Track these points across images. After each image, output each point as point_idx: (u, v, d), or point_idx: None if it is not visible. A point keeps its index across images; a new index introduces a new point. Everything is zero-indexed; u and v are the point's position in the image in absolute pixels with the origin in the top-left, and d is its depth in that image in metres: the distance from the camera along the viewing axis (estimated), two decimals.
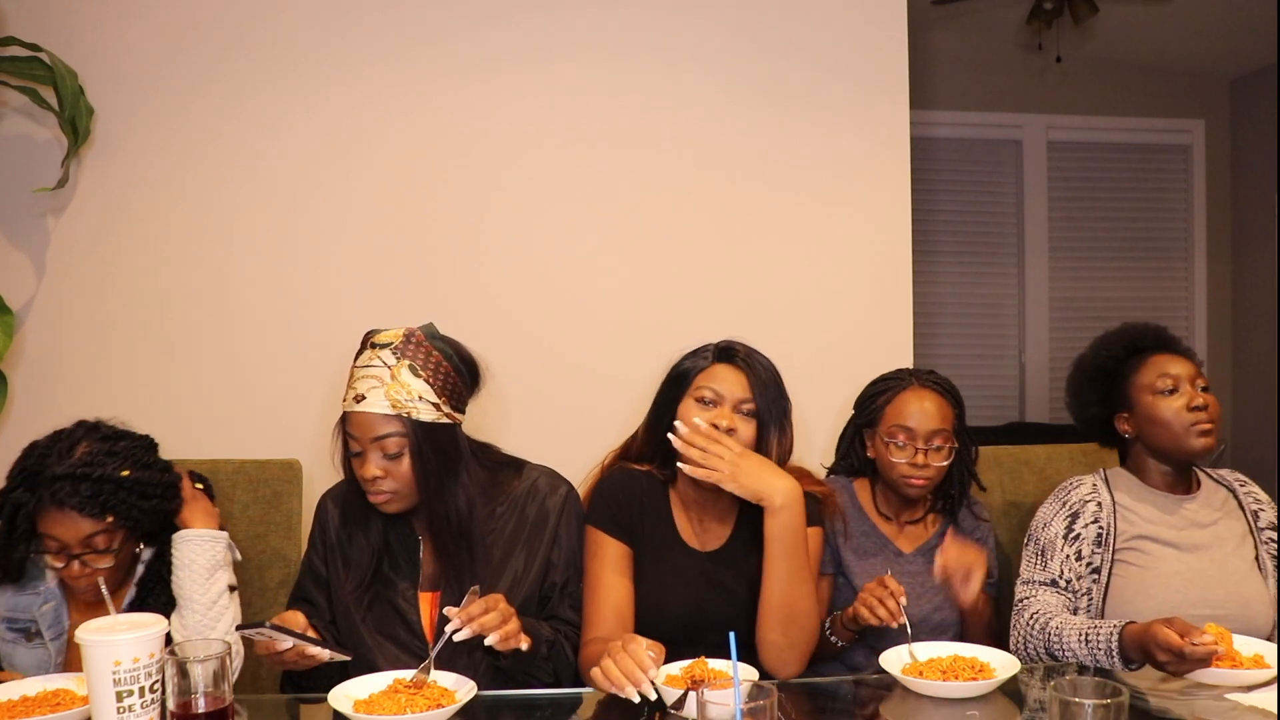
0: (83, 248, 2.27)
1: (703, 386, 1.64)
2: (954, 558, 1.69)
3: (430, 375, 1.54)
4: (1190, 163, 5.03)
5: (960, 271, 4.92)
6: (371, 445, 1.52)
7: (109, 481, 1.53)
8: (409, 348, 1.55)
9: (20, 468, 1.56)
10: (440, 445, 1.55)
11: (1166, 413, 1.78)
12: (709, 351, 1.69)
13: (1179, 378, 1.79)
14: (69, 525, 1.52)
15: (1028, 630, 1.68)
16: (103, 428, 1.64)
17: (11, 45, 2.09)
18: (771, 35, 2.43)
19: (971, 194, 4.96)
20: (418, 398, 1.52)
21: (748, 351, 1.67)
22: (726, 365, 1.65)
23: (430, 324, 1.62)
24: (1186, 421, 1.76)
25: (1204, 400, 1.77)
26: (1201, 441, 1.76)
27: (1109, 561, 1.76)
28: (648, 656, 1.33)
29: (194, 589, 1.59)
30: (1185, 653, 1.41)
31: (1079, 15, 3.90)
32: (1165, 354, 1.83)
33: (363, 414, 1.52)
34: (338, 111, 2.32)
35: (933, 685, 1.41)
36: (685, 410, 1.64)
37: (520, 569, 1.64)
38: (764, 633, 1.55)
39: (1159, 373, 1.80)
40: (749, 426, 1.62)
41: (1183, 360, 1.82)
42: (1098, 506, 1.80)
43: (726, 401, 1.62)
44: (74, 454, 1.55)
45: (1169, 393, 1.78)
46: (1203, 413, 1.76)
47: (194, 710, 1.18)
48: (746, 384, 1.63)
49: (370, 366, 1.53)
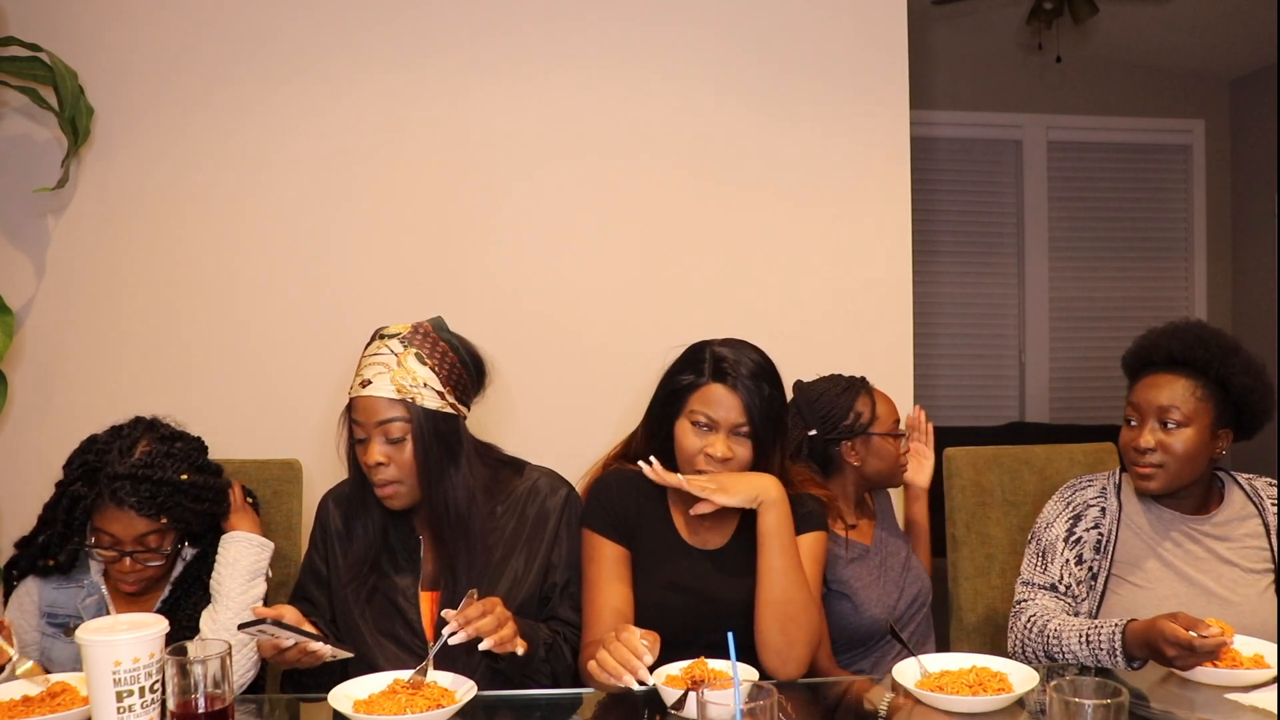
0: (83, 248, 2.27)
1: (698, 410, 1.61)
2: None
3: (436, 364, 1.56)
4: (1190, 163, 5.04)
5: (960, 271, 4.93)
6: (375, 430, 1.54)
7: (168, 484, 1.57)
8: (416, 338, 1.58)
9: (80, 462, 1.60)
10: (442, 434, 1.57)
11: (1120, 440, 1.74)
12: (704, 366, 1.63)
13: (1142, 410, 1.69)
14: (125, 523, 1.56)
15: (1025, 633, 1.67)
16: (159, 426, 1.67)
17: (11, 45, 2.09)
18: (772, 36, 2.43)
19: (971, 194, 4.96)
20: (423, 384, 1.54)
21: (742, 367, 1.62)
22: (721, 386, 1.61)
23: (439, 317, 1.65)
24: (1129, 458, 1.71)
25: (1148, 443, 1.66)
26: (1138, 483, 1.71)
27: (1105, 571, 1.73)
28: (642, 645, 1.34)
29: (234, 587, 1.62)
30: (1195, 645, 1.39)
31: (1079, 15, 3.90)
32: (1161, 375, 1.69)
33: (368, 398, 1.54)
34: (337, 113, 2.32)
35: (952, 700, 1.35)
36: (681, 433, 1.63)
37: (520, 569, 1.64)
38: (764, 633, 1.55)
39: (1129, 399, 1.72)
40: (745, 448, 1.61)
41: (1172, 383, 1.68)
42: (1101, 512, 1.76)
43: (721, 427, 1.60)
44: (134, 453, 1.58)
45: (1129, 424, 1.71)
46: (1141, 455, 1.67)
47: (194, 710, 1.18)
48: (741, 407, 1.60)
49: (377, 354, 1.56)
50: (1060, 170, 4.98)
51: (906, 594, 1.95)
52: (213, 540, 1.68)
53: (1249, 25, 4.34)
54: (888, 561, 1.97)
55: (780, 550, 1.55)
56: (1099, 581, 1.72)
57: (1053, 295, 4.97)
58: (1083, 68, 4.87)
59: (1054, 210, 4.97)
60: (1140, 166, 5.03)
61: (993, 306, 4.99)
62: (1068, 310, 4.99)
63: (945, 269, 4.88)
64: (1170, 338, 1.71)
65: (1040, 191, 4.95)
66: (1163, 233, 5.06)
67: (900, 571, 1.97)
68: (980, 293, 4.97)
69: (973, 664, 1.46)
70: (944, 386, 4.84)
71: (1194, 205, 5.03)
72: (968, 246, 4.95)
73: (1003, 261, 4.99)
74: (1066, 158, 4.99)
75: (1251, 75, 4.87)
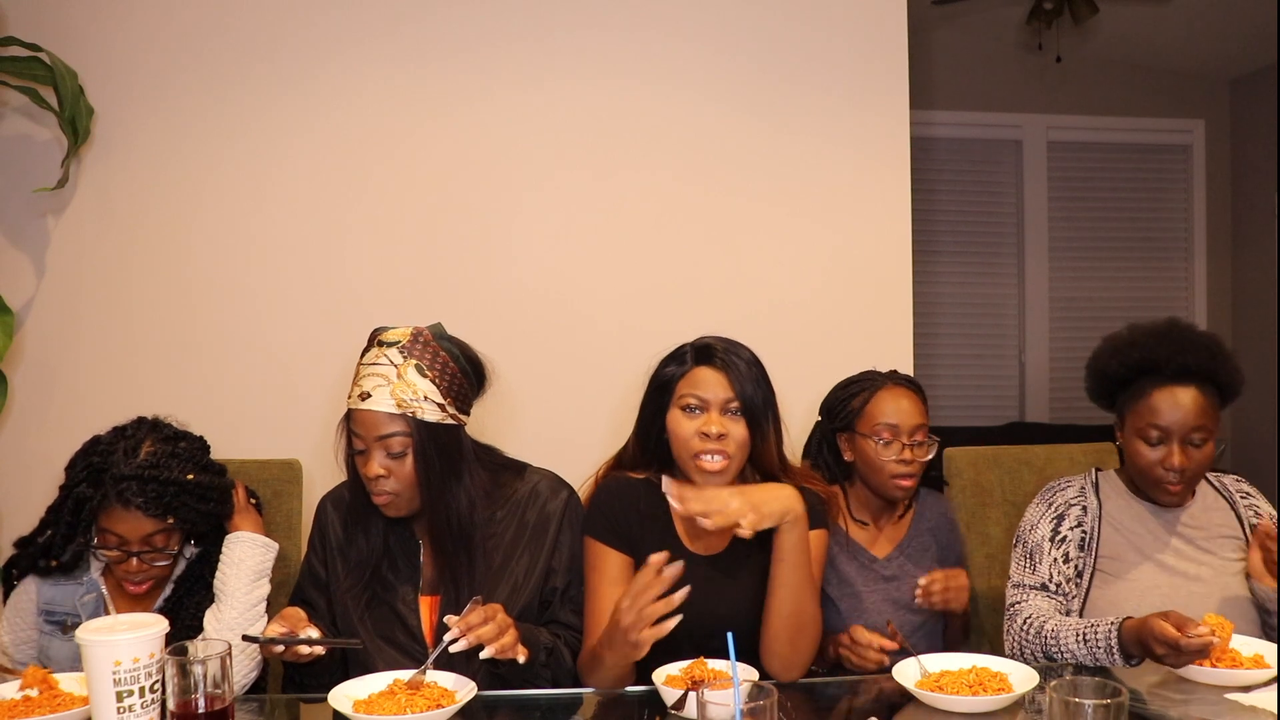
0: (83, 248, 2.27)
1: (686, 394, 1.61)
2: (939, 591, 1.82)
3: (437, 376, 1.54)
4: (1190, 163, 5.03)
5: (960, 271, 4.92)
6: (375, 444, 1.52)
7: (174, 484, 1.58)
8: (416, 347, 1.54)
9: (85, 463, 1.60)
10: (444, 446, 1.55)
11: (1142, 461, 1.70)
12: (687, 355, 1.65)
13: (1168, 431, 1.66)
14: (132, 523, 1.56)
15: (1022, 635, 1.68)
16: (163, 427, 1.68)
17: (11, 45, 2.09)
18: (772, 37, 2.43)
19: (971, 194, 4.96)
20: (423, 397, 1.51)
21: (725, 348, 1.64)
22: (706, 367, 1.61)
23: (438, 324, 1.62)
24: (1156, 476, 1.69)
25: (1181, 463, 1.65)
26: (1165, 499, 1.72)
27: (1090, 568, 1.74)
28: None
29: (238, 587, 1.62)
30: (1181, 645, 1.41)
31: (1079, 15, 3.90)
32: (1176, 386, 1.67)
33: (368, 412, 1.51)
34: (338, 114, 2.32)
35: (949, 700, 1.36)
36: (674, 422, 1.62)
37: (521, 574, 1.64)
38: (771, 643, 1.54)
39: (1149, 420, 1.67)
40: (739, 426, 1.61)
41: (1191, 397, 1.66)
42: (1082, 511, 1.78)
43: (712, 406, 1.60)
44: (139, 453, 1.59)
45: (1152, 443, 1.69)
46: (1173, 474, 1.67)
47: (194, 710, 1.18)
48: (728, 383, 1.60)
49: (377, 364, 1.53)
50: (1060, 170, 4.98)
51: (903, 625, 1.82)
52: (215, 540, 1.69)
53: (1249, 25, 4.34)
54: (898, 585, 1.88)
55: (795, 567, 1.53)
56: (1084, 578, 1.75)
57: (1053, 295, 4.97)
58: (1083, 68, 4.87)
59: (1054, 210, 4.97)
60: (1140, 166, 5.03)
61: (993, 306, 4.98)
62: (1068, 310, 4.98)
63: (945, 269, 4.87)
64: (1179, 349, 1.68)
65: (1040, 191, 4.95)
66: (1162, 233, 5.06)
67: (903, 607, 1.86)
68: (980, 293, 4.97)
69: (973, 664, 1.46)
70: (944, 386, 4.83)
71: (1194, 205, 5.03)
72: (968, 246, 4.94)
73: (1003, 261, 4.99)
74: (1066, 158, 4.98)
75: (1251, 75, 4.87)
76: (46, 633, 1.64)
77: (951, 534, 1.99)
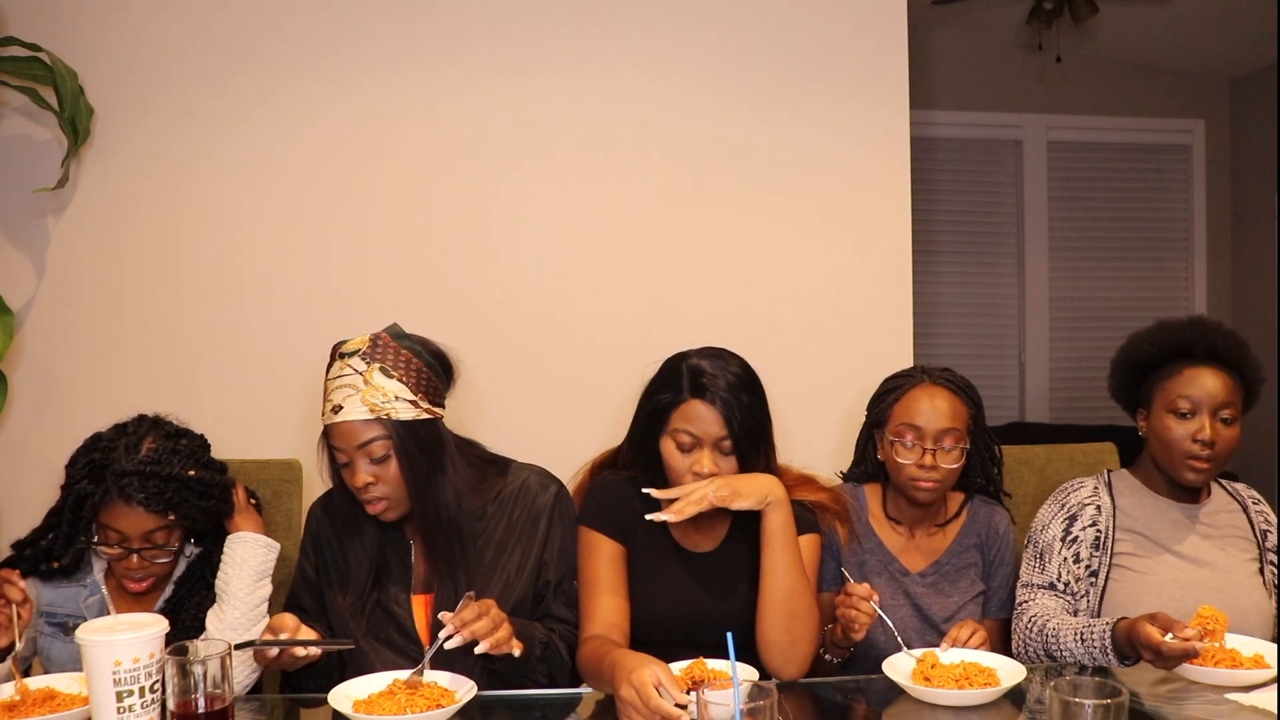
0: (83, 248, 2.27)
1: (680, 429, 1.61)
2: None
3: (403, 374, 1.54)
4: (1190, 163, 5.03)
5: (960, 271, 4.92)
6: (357, 453, 1.53)
7: (175, 480, 1.58)
8: (377, 351, 1.55)
9: (86, 460, 1.60)
10: (424, 441, 1.56)
11: (1171, 435, 1.73)
12: (681, 382, 1.62)
13: (1199, 403, 1.71)
14: (133, 520, 1.57)
15: (1027, 633, 1.69)
16: (163, 424, 1.68)
17: (11, 45, 2.09)
18: (772, 36, 2.43)
19: (971, 194, 4.95)
20: (394, 398, 1.52)
21: (717, 374, 1.60)
22: (701, 402, 1.59)
23: (395, 324, 1.63)
24: (1185, 450, 1.72)
25: (1212, 436, 1.69)
26: (1191, 475, 1.73)
27: (1106, 565, 1.75)
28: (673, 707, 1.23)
29: (241, 587, 1.63)
30: (1161, 650, 1.42)
31: (1079, 15, 3.90)
32: (1206, 367, 1.73)
33: (343, 424, 1.52)
34: (337, 114, 2.32)
35: (937, 693, 1.39)
36: (667, 452, 1.63)
37: (513, 569, 1.64)
38: (767, 633, 1.55)
39: (1180, 392, 1.72)
40: (730, 462, 1.61)
41: (1220, 378, 1.72)
42: (1096, 510, 1.80)
43: (705, 443, 1.60)
44: (140, 449, 1.59)
45: (1182, 415, 1.72)
46: (1204, 449, 1.70)
47: (194, 710, 1.18)
48: (722, 421, 1.58)
49: (342, 376, 1.54)
50: (1060, 170, 4.97)
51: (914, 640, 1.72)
52: (216, 539, 1.69)
53: (1249, 25, 4.34)
54: (928, 605, 1.79)
55: (784, 548, 1.56)
56: (1100, 577, 1.75)
57: (1053, 295, 4.97)
58: (1083, 68, 4.86)
59: (1054, 210, 4.96)
60: (1140, 166, 5.02)
61: (993, 306, 4.98)
62: (1068, 310, 4.98)
63: (945, 269, 4.87)
64: (1210, 333, 1.75)
65: (1040, 191, 4.95)
66: (1163, 233, 5.06)
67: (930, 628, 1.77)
68: (980, 293, 4.96)
69: (962, 659, 1.49)
70: None
71: (1194, 205, 5.03)
72: (968, 246, 4.94)
73: (1003, 261, 4.98)
74: (1066, 158, 4.98)
75: (1251, 75, 4.87)
76: (47, 635, 1.64)
77: (998, 551, 1.84)
